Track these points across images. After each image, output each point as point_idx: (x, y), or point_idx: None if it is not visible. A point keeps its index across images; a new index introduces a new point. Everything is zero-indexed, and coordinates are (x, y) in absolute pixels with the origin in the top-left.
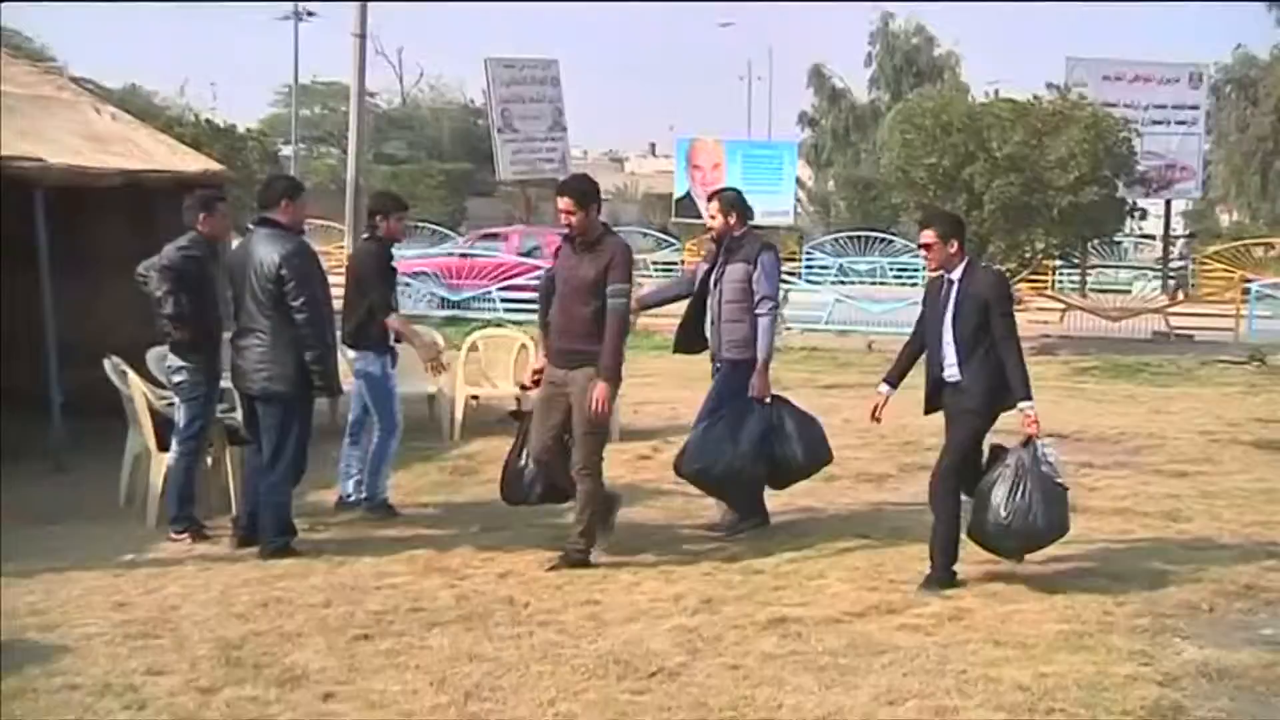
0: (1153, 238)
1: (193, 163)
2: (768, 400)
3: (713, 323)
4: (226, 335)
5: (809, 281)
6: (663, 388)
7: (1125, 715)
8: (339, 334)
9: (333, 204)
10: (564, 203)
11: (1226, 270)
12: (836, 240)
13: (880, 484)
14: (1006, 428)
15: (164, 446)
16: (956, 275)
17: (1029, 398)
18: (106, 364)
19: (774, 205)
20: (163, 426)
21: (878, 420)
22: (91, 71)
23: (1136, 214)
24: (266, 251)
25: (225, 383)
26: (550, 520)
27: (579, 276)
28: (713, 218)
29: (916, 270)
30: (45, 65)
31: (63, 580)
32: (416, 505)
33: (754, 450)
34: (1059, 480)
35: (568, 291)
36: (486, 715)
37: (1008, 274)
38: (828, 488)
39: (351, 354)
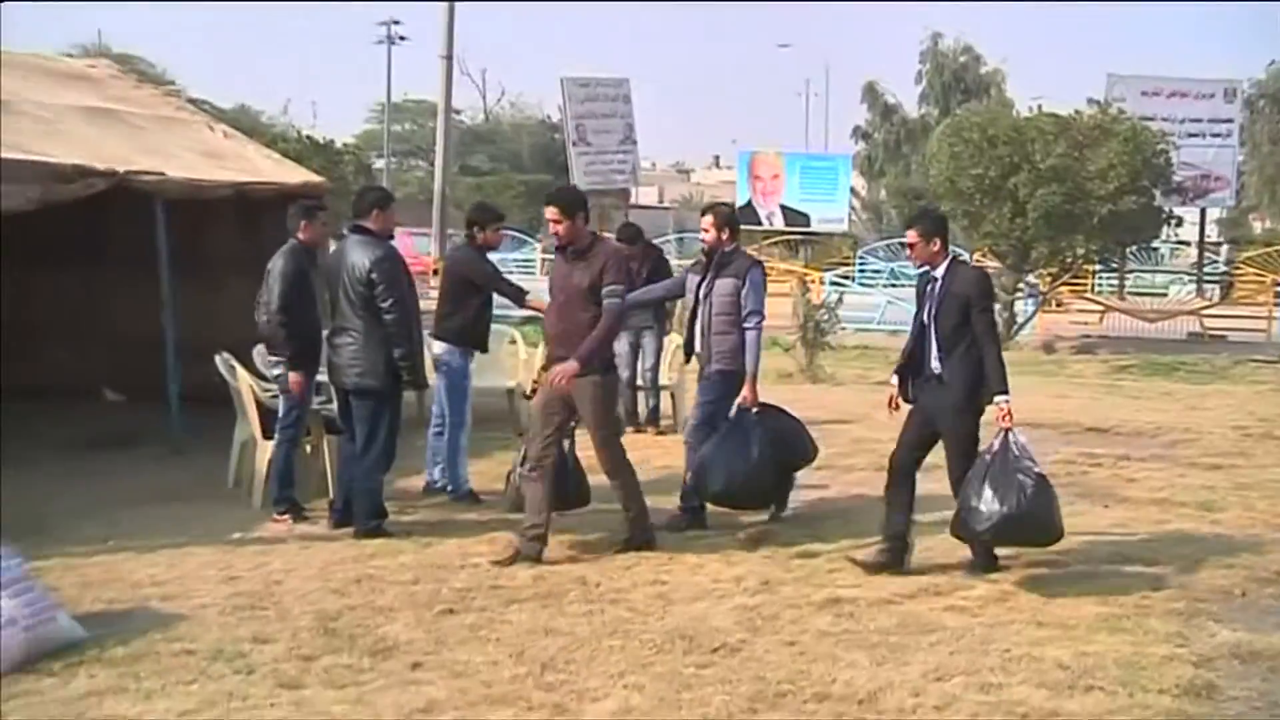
0: (1188, 243)
1: (295, 175)
2: (755, 409)
3: (702, 334)
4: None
5: (862, 284)
6: None
7: (1161, 693)
8: (427, 331)
9: (422, 213)
10: (550, 212)
11: (1259, 275)
12: (888, 246)
13: (927, 474)
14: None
15: (268, 435)
16: (940, 273)
17: (1005, 392)
18: (218, 359)
19: (829, 213)
20: (267, 417)
21: (896, 409)
22: (206, 93)
23: (1173, 221)
24: (359, 257)
25: (321, 377)
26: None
27: (573, 284)
28: (705, 230)
29: None
30: (166, 89)
31: (180, 555)
32: (496, 491)
33: (766, 457)
34: (1036, 469)
35: (564, 300)
36: (561, 685)
37: (1049, 277)
38: (879, 478)
39: (438, 348)
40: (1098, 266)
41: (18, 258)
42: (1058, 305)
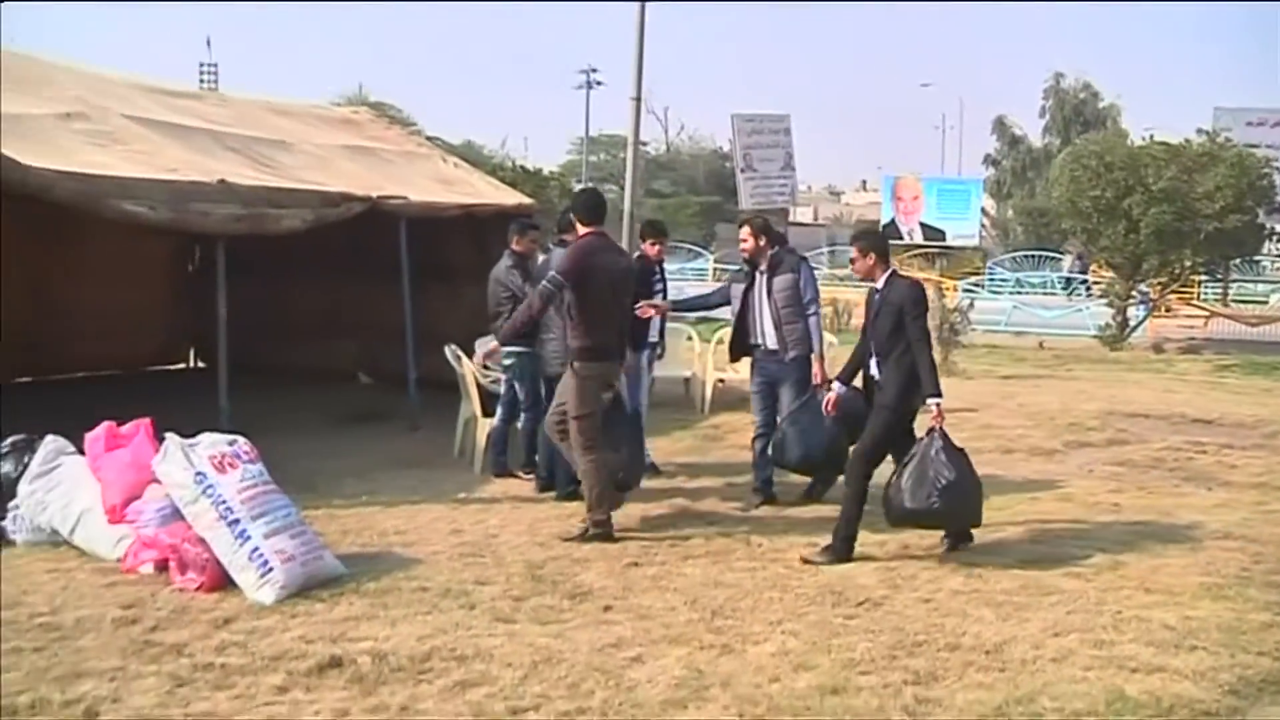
0: None
1: (511, 198)
2: (826, 383)
3: (776, 327)
4: None
5: (991, 291)
6: None
7: (1260, 655)
8: None
9: (614, 230)
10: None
11: None
12: (1014, 258)
13: (1049, 457)
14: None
15: (488, 413)
16: (880, 285)
17: (937, 394)
18: (446, 350)
19: (963, 229)
20: (486, 398)
21: (830, 413)
22: (440, 132)
23: (1274, 237)
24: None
25: None
26: (787, 477)
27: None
28: (744, 240)
29: (1082, 283)
30: (409, 130)
31: (416, 510)
32: (675, 464)
33: (839, 426)
34: (949, 473)
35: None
36: (728, 629)
37: (1158, 286)
38: (1007, 459)
39: None
40: (1204, 276)
41: (293, 267)
42: (1166, 310)
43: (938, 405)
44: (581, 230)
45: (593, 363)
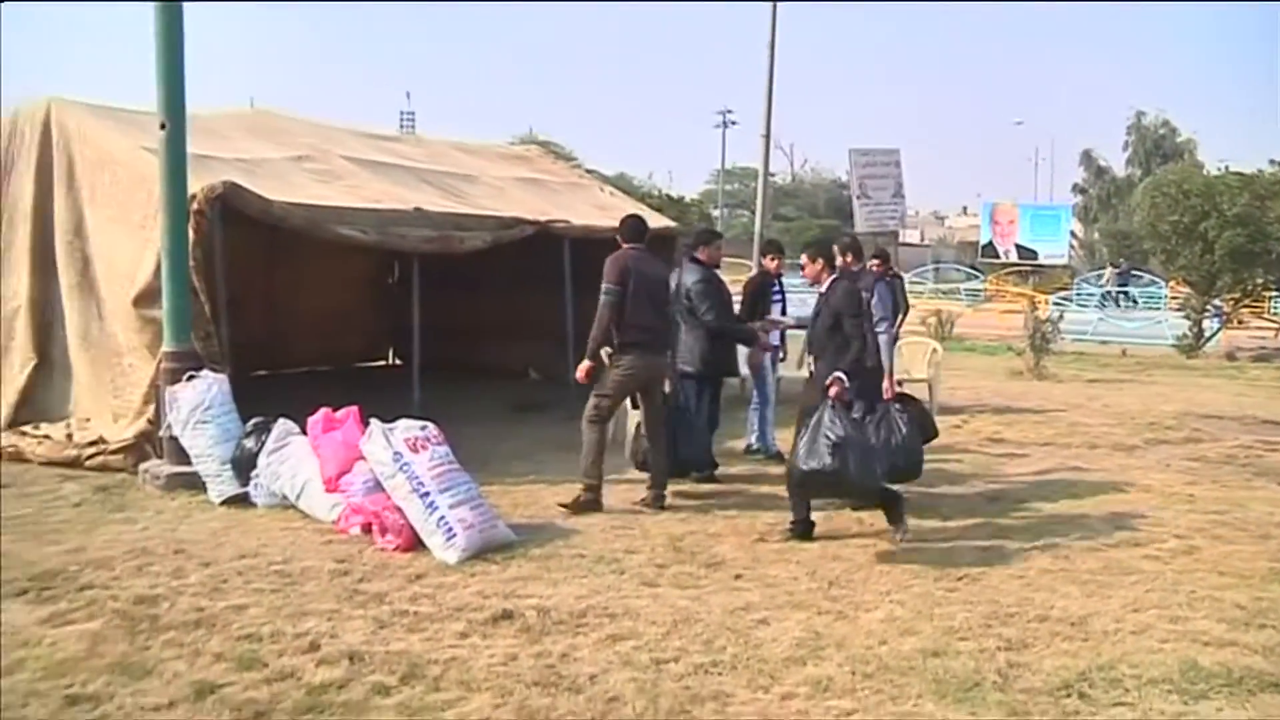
0: None
1: (658, 221)
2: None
3: None
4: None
5: (1079, 304)
6: (969, 377)
7: None
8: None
9: (746, 250)
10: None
11: None
12: (1099, 275)
13: (1130, 452)
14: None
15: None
16: (824, 288)
17: (845, 373)
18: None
19: (1053, 250)
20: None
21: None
22: (597, 164)
23: None
24: (687, 278)
25: None
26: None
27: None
28: (804, 266)
29: (1159, 298)
30: (572, 164)
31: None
32: None
33: (914, 436)
34: (835, 438)
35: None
36: (843, 598)
37: (1231, 300)
38: (1092, 454)
39: (744, 348)
40: (1274, 292)
41: (475, 280)
42: (1239, 323)
43: (841, 383)
44: (625, 246)
45: (627, 357)
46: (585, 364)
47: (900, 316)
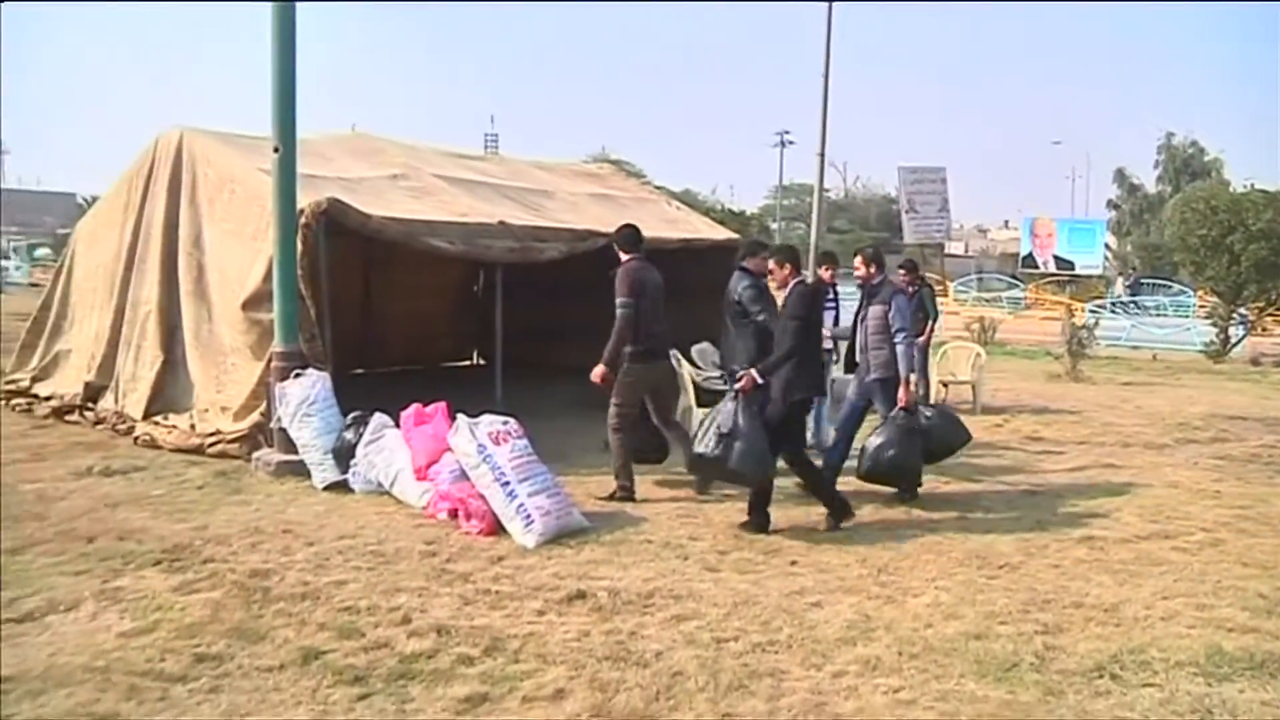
0: None
1: (720, 233)
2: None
3: (861, 350)
4: None
5: (1112, 312)
6: (1010, 379)
7: None
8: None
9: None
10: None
11: None
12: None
13: (1160, 451)
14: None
15: (701, 404)
16: (787, 290)
17: (765, 372)
18: (670, 354)
19: (1089, 261)
20: (701, 392)
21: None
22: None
23: None
24: (734, 284)
25: None
26: (953, 462)
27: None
28: (858, 269)
29: (1188, 306)
30: (641, 180)
31: (642, 479)
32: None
33: (919, 444)
34: (730, 424)
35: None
36: (892, 583)
37: (1256, 309)
38: (1124, 452)
39: None
40: None
41: (553, 287)
42: (1263, 330)
43: (748, 378)
44: (625, 257)
45: (638, 365)
46: (601, 369)
47: (931, 324)
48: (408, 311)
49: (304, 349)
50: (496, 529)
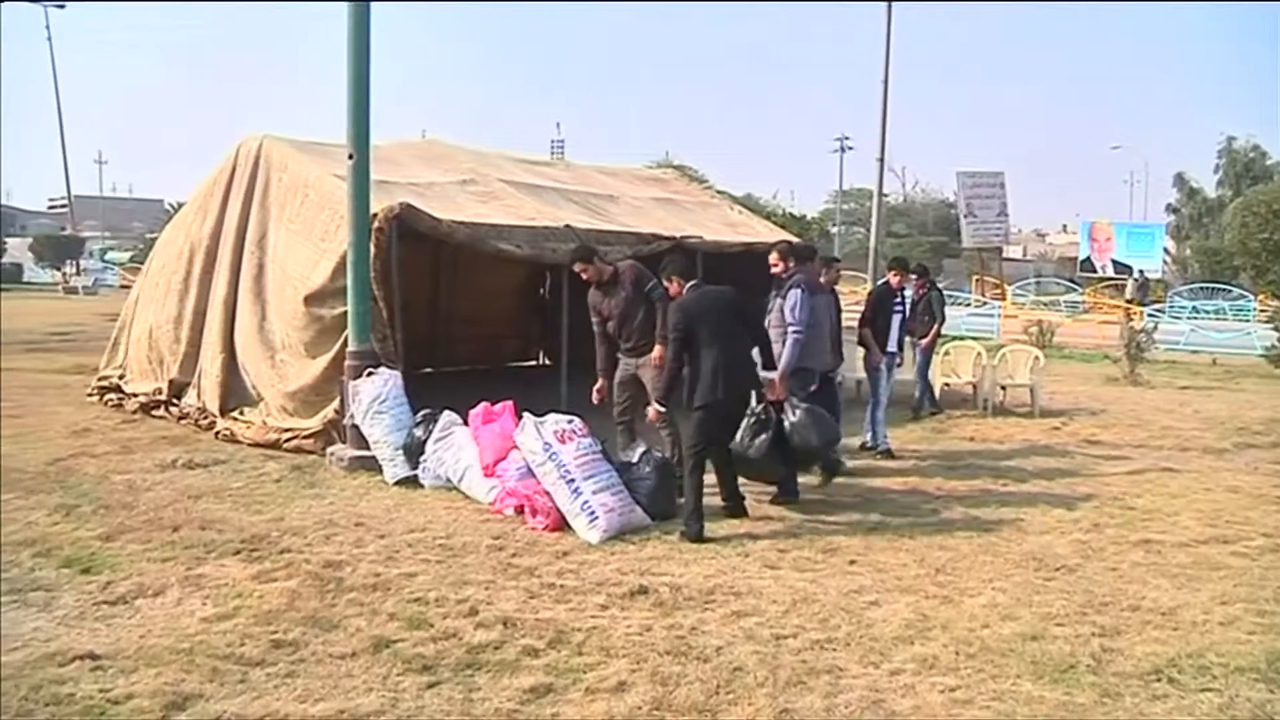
0: None
1: (781, 237)
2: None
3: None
4: None
5: (1171, 316)
6: (1068, 383)
7: None
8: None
9: (861, 264)
10: (577, 266)
11: None
12: (1191, 289)
13: (1219, 455)
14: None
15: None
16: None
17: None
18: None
19: (1148, 265)
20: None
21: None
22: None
23: None
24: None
25: None
26: (993, 462)
27: (613, 304)
28: (774, 265)
29: (1248, 311)
30: (704, 185)
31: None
32: (908, 450)
33: (775, 444)
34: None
35: (616, 315)
36: (949, 584)
37: None
38: (1183, 455)
39: (860, 352)
40: None
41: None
42: None
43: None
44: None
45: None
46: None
47: (937, 326)
48: (475, 312)
49: (376, 348)
50: (561, 525)
